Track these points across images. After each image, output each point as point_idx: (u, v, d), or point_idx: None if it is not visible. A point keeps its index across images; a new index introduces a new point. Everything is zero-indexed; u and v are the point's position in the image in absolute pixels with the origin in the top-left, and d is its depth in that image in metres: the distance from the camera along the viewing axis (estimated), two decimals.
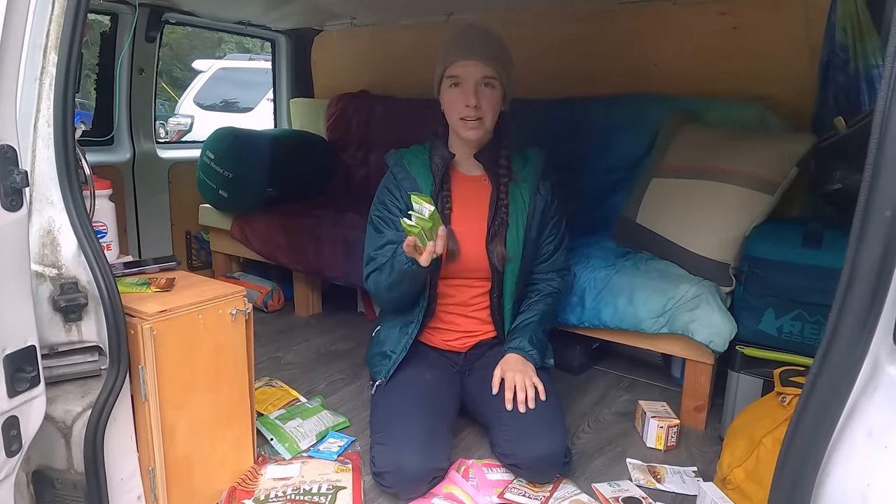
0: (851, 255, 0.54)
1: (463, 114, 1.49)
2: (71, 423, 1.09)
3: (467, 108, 1.48)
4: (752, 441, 1.30)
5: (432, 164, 1.59)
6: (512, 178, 1.59)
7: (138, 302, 1.20)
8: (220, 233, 2.88)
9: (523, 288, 1.66)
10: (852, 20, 1.85)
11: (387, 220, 1.59)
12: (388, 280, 1.50)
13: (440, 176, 1.57)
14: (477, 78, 1.48)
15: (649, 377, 2.16)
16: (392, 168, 1.62)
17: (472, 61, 1.48)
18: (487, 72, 1.48)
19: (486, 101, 1.49)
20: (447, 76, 1.51)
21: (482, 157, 1.57)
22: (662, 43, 2.36)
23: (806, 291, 1.53)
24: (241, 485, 1.42)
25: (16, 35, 0.84)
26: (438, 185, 1.57)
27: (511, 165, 1.60)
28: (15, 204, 0.85)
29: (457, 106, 1.49)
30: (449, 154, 1.58)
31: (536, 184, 1.61)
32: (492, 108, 1.50)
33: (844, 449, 0.58)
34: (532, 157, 1.65)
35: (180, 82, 10.20)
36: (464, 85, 1.48)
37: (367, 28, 3.20)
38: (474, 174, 1.62)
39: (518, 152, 1.64)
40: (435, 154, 1.60)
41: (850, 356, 0.56)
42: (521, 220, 1.59)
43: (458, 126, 1.52)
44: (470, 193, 1.60)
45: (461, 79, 1.49)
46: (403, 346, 1.59)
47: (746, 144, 1.84)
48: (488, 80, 1.49)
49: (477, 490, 1.44)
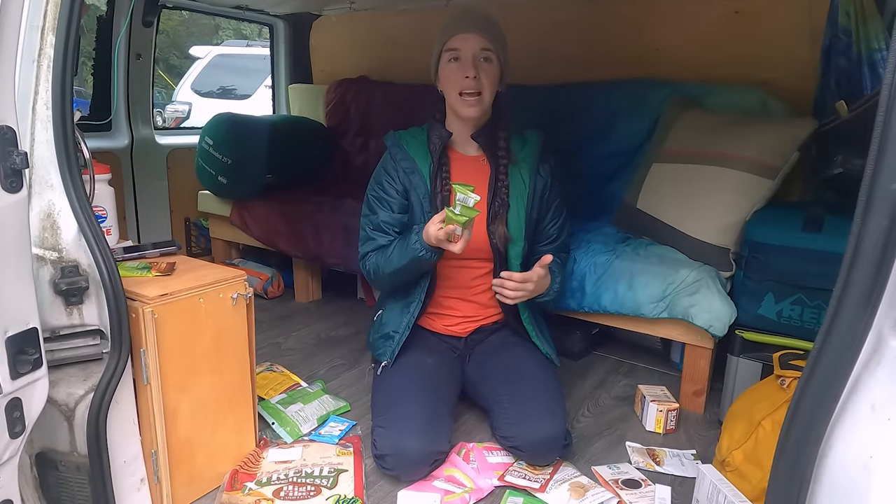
0: (857, 228, 0.54)
1: (462, 86, 1.49)
2: (74, 406, 1.10)
3: (467, 80, 1.48)
4: (751, 424, 1.31)
5: (430, 144, 1.59)
6: (511, 160, 1.59)
7: (139, 286, 1.20)
8: (220, 219, 2.88)
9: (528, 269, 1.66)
10: (855, 4, 1.83)
11: (382, 201, 1.60)
12: (396, 265, 1.50)
13: (437, 155, 1.57)
14: (476, 50, 1.48)
15: (649, 362, 2.17)
16: (390, 148, 1.62)
17: (472, 34, 1.49)
18: (486, 44, 1.49)
19: (484, 75, 1.49)
20: (446, 49, 1.51)
21: (480, 137, 1.57)
22: (663, 27, 2.34)
23: (806, 276, 1.54)
24: (244, 468, 1.43)
25: (13, 16, 0.83)
26: (436, 165, 1.57)
27: (509, 146, 1.59)
28: (15, 185, 0.85)
29: (456, 79, 1.49)
30: (446, 133, 1.58)
31: (536, 165, 1.61)
32: (490, 82, 1.51)
33: (847, 423, 0.58)
34: (530, 138, 1.64)
35: (177, 70, 10.10)
36: (463, 58, 1.49)
37: (366, 13, 3.17)
38: (472, 154, 1.62)
39: (516, 134, 1.64)
40: (433, 134, 1.60)
41: (853, 330, 0.56)
42: (522, 200, 1.58)
43: (457, 103, 1.52)
44: (468, 173, 1.59)
45: (461, 52, 1.49)
46: (406, 325, 1.59)
47: (747, 129, 1.83)
48: (487, 52, 1.50)
49: (478, 473, 1.45)
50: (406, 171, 1.57)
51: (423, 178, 1.56)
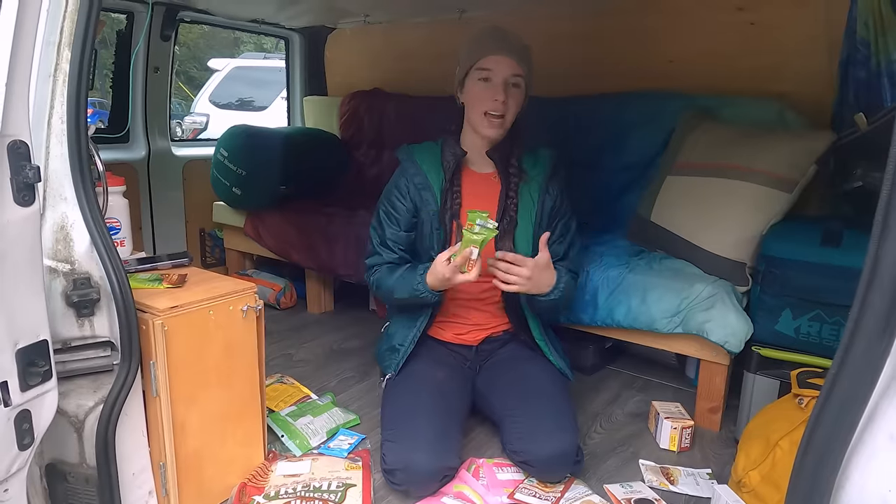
0: (874, 249, 0.52)
1: (490, 108, 1.49)
2: (83, 417, 1.10)
3: (495, 103, 1.48)
4: (768, 443, 1.28)
5: (444, 161, 1.59)
6: (522, 178, 1.58)
7: (150, 298, 1.21)
8: (234, 230, 2.90)
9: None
10: (874, 14, 1.80)
11: (390, 216, 1.60)
12: (397, 296, 1.54)
13: (451, 173, 1.57)
14: (507, 75, 1.48)
15: (663, 377, 2.13)
16: (403, 163, 1.63)
17: (506, 58, 1.48)
18: (518, 70, 1.49)
19: (512, 101, 1.50)
20: (478, 68, 1.50)
21: (494, 154, 1.57)
22: (678, 39, 2.33)
23: (824, 291, 1.50)
24: (252, 481, 1.42)
25: (28, 31, 0.84)
26: (448, 182, 1.57)
27: (521, 165, 1.59)
28: (27, 199, 0.85)
29: (485, 100, 1.49)
30: (461, 151, 1.58)
31: (545, 183, 1.60)
32: (516, 107, 1.52)
33: (864, 452, 0.56)
34: (542, 156, 1.64)
35: (197, 81, 10.29)
36: (494, 80, 1.49)
37: (381, 26, 3.19)
38: (485, 171, 1.62)
39: (529, 152, 1.63)
40: (447, 150, 1.60)
41: (871, 356, 0.54)
42: (531, 218, 1.58)
43: (479, 122, 1.52)
44: (480, 190, 1.59)
45: (493, 73, 1.49)
46: (412, 339, 1.59)
47: (764, 142, 1.80)
48: (517, 78, 1.50)
49: (487, 489, 1.43)
50: (418, 186, 1.57)
51: (434, 194, 1.56)
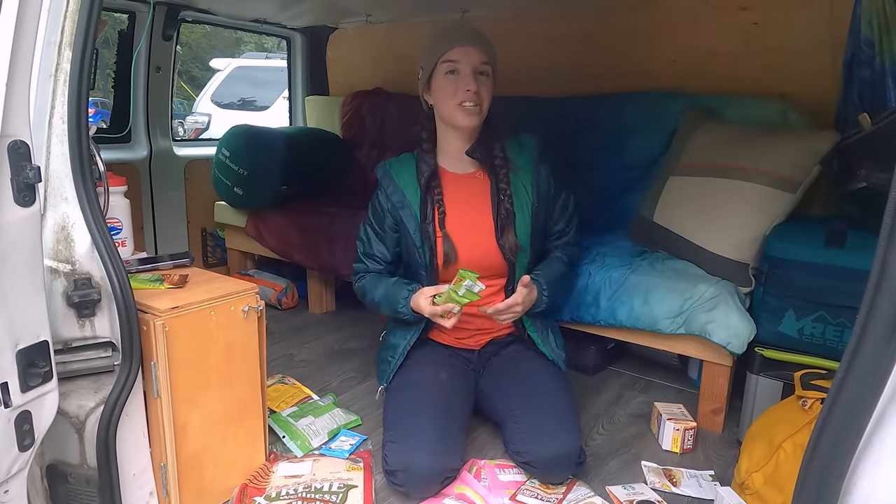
0: (881, 252, 0.51)
1: (463, 98, 1.48)
2: (84, 418, 1.10)
3: (468, 93, 1.47)
4: (772, 445, 1.27)
5: (419, 175, 1.59)
6: (510, 168, 1.58)
7: (151, 298, 1.21)
8: (236, 230, 2.90)
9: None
10: (878, 14, 1.79)
11: (375, 233, 1.65)
12: (381, 310, 1.62)
13: (425, 188, 1.57)
14: (475, 63, 1.48)
15: (665, 378, 2.13)
16: (381, 181, 1.64)
17: (471, 48, 1.49)
18: (484, 58, 1.49)
19: (484, 89, 1.50)
20: (444, 61, 1.50)
21: (476, 151, 1.56)
22: (680, 39, 2.32)
23: (828, 292, 1.49)
24: (253, 482, 1.42)
25: (29, 31, 0.84)
26: (424, 198, 1.57)
27: (506, 154, 1.58)
28: (28, 199, 0.85)
29: (457, 92, 1.49)
30: (433, 163, 1.58)
31: (535, 169, 1.60)
32: (488, 96, 1.52)
33: (872, 457, 0.55)
34: (526, 142, 1.63)
35: (198, 81, 10.30)
36: (462, 71, 1.49)
37: (382, 25, 3.19)
38: (467, 172, 1.61)
39: (511, 140, 1.63)
40: (420, 163, 1.60)
41: (878, 360, 0.53)
42: (527, 208, 1.57)
43: (455, 113, 1.50)
44: (464, 193, 1.59)
45: (460, 64, 1.48)
46: (401, 351, 1.60)
47: (767, 142, 1.80)
48: (485, 66, 1.50)
49: (489, 491, 1.42)
50: (396, 205, 1.58)
51: (413, 212, 1.57)
